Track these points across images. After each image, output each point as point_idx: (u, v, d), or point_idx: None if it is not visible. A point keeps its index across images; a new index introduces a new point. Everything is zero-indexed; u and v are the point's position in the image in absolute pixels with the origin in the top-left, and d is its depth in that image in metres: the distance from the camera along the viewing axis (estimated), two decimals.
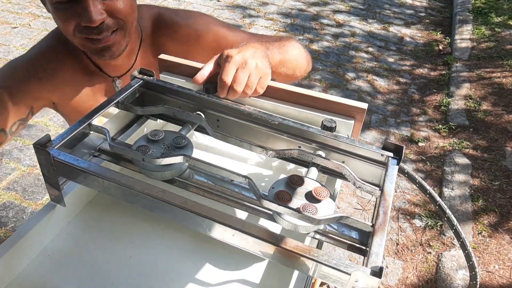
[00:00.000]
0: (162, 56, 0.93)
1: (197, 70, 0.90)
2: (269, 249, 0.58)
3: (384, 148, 0.72)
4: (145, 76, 0.85)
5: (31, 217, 0.70)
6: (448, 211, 0.71)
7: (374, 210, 0.67)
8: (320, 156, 0.73)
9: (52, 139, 0.68)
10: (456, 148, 2.69)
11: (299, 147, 0.78)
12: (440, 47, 3.88)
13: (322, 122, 0.78)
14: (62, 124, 2.65)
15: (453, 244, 2.10)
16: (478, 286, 0.72)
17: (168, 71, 0.93)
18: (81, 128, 0.72)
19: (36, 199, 2.16)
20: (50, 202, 0.73)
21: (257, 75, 0.84)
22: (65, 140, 0.69)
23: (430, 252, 2.08)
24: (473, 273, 0.71)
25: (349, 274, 0.54)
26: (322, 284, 1.48)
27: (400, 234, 2.16)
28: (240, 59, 0.83)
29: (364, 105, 0.81)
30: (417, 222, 2.23)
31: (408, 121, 2.97)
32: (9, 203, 2.13)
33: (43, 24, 3.74)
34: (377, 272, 0.54)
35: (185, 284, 0.68)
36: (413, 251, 2.09)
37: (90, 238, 0.74)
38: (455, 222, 0.69)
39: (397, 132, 2.85)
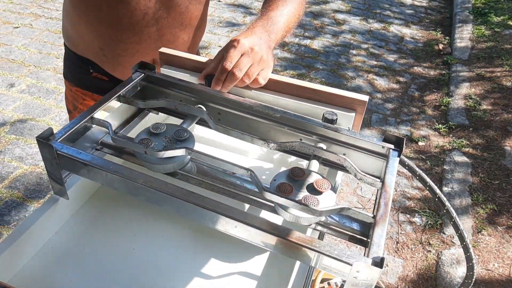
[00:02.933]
0: (163, 50, 0.93)
1: (197, 63, 0.90)
2: (272, 240, 0.58)
3: (385, 140, 0.73)
4: (146, 70, 0.86)
5: (35, 210, 0.70)
6: (447, 203, 0.72)
7: (375, 202, 0.67)
8: (321, 148, 0.74)
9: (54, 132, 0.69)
10: (456, 147, 2.70)
11: (300, 139, 0.79)
12: (440, 47, 3.88)
13: (323, 115, 0.79)
14: (64, 123, 2.65)
15: (452, 242, 2.11)
16: (474, 276, 0.73)
17: (169, 64, 0.93)
18: (83, 121, 0.73)
19: (38, 197, 2.17)
20: (53, 196, 0.73)
21: (260, 66, 0.84)
22: (67, 134, 0.70)
23: (430, 250, 2.08)
24: (470, 264, 0.71)
25: (351, 265, 0.54)
26: (322, 280, 1.49)
27: (400, 233, 2.17)
28: (248, 45, 0.83)
29: (365, 98, 0.81)
30: (417, 221, 2.23)
31: (408, 120, 2.98)
32: (11, 201, 2.13)
33: (45, 24, 3.75)
34: (379, 263, 0.54)
35: (187, 275, 0.69)
36: (413, 249, 2.09)
37: (93, 231, 0.74)
38: (454, 214, 0.70)
39: (397, 132, 2.86)
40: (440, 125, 2.90)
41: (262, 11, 0.95)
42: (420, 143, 2.75)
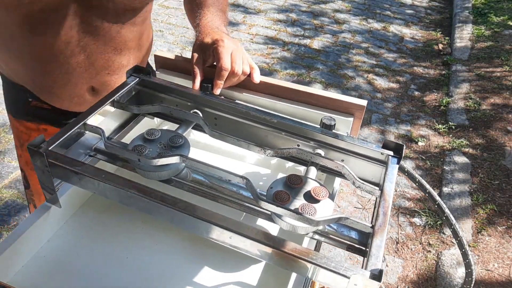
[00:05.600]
0: (158, 53, 0.92)
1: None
2: (267, 251, 0.57)
3: (384, 146, 0.71)
4: (141, 74, 0.84)
5: (26, 218, 0.69)
6: (447, 210, 0.70)
7: (374, 210, 0.66)
8: (319, 155, 0.72)
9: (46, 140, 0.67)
10: (456, 147, 2.68)
11: (298, 145, 0.77)
12: (440, 47, 3.86)
13: (321, 120, 0.77)
14: None
15: (452, 242, 2.09)
16: (473, 283, 0.72)
17: (164, 68, 0.92)
18: (76, 128, 0.71)
19: None
20: (45, 203, 0.72)
21: (245, 56, 0.87)
22: (59, 141, 0.68)
23: (429, 251, 2.07)
24: (469, 270, 0.70)
25: (348, 278, 0.53)
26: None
27: (400, 233, 2.16)
28: (232, 43, 0.85)
29: (363, 102, 0.80)
30: (417, 221, 2.22)
31: (408, 120, 2.96)
32: (11, 201, 2.12)
33: None
34: (377, 275, 0.53)
35: (181, 285, 0.68)
36: (413, 249, 2.08)
37: (86, 239, 0.73)
38: (454, 221, 0.69)
39: (396, 132, 2.84)
40: (440, 125, 2.89)
41: (200, 6, 0.96)
42: (420, 143, 2.74)
